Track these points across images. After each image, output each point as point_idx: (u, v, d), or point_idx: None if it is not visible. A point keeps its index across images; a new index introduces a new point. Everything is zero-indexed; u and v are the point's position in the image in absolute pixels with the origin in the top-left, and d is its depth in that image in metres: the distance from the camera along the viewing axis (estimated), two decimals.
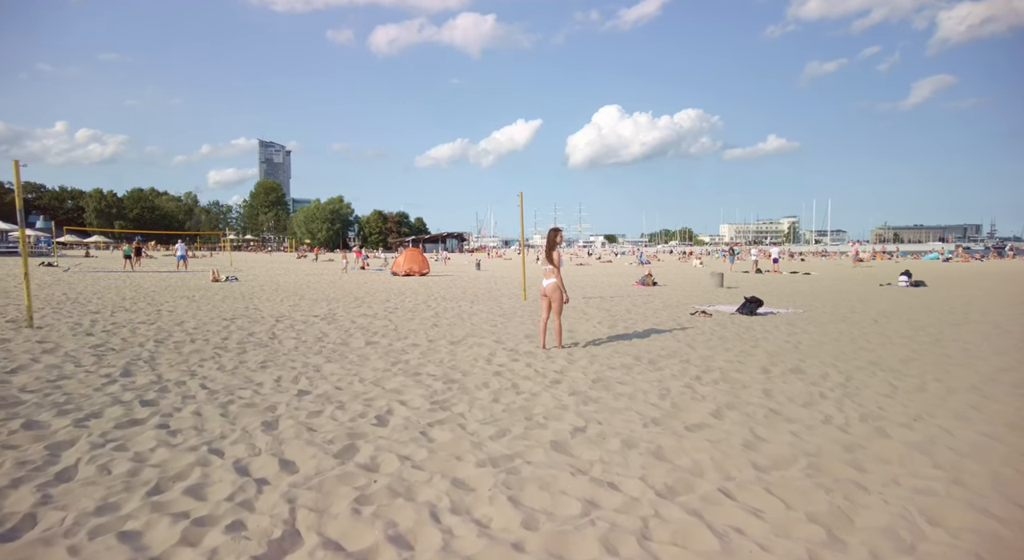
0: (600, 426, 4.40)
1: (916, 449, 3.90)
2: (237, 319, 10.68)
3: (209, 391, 5.38)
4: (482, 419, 4.54)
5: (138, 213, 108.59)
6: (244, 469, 3.49)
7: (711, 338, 8.78)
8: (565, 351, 7.65)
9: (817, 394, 5.39)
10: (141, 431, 4.14)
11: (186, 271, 29.16)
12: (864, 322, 10.74)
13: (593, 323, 10.37)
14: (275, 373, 6.29)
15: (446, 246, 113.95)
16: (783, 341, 8.55)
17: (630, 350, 7.72)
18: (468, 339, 8.69)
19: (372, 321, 10.61)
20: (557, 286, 7.61)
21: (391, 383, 5.82)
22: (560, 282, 7.64)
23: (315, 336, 8.88)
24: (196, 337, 8.57)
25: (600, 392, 5.45)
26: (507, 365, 6.76)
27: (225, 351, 7.58)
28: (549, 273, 7.67)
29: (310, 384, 5.78)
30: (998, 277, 27.17)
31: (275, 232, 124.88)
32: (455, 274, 30.23)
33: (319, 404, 4.97)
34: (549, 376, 6.15)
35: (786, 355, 7.41)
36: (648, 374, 6.25)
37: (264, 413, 4.69)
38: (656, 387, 5.65)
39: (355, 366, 6.68)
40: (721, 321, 10.80)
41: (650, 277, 21.86)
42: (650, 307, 13.31)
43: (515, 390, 5.55)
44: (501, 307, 13.05)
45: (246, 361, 6.92)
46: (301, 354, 7.44)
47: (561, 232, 7.82)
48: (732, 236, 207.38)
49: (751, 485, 3.32)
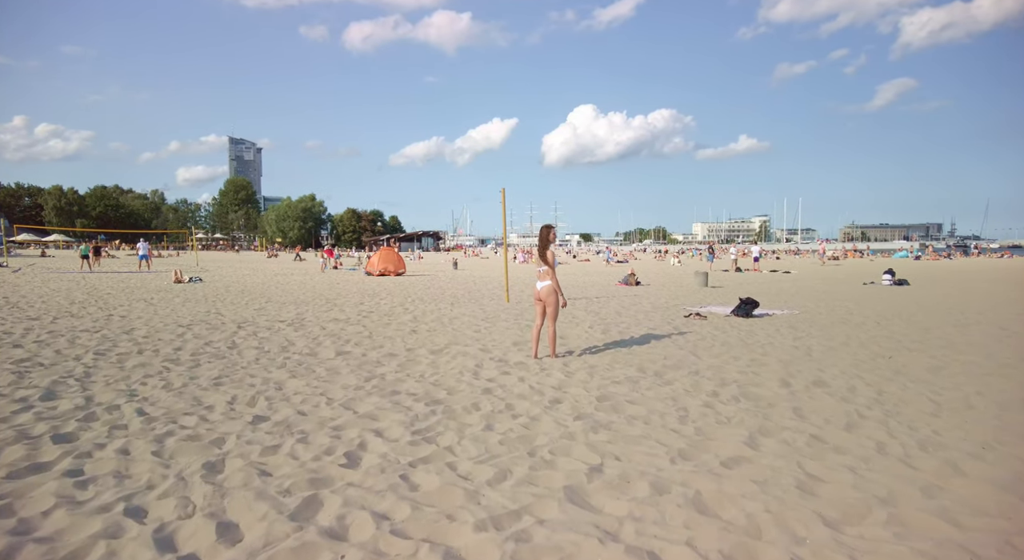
0: (619, 462, 3.64)
1: (1007, 491, 3.23)
2: (195, 325, 9.71)
3: (146, 418, 4.49)
4: (476, 455, 3.75)
5: (101, 211, 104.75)
6: (168, 542, 2.64)
7: (714, 344, 8.11)
8: (560, 361, 6.90)
9: (854, 413, 4.72)
10: (40, 482, 3.25)
11: (148, 271, 27.76)
12: (867, 324, 10.20)
13: (584, 328, 9.64)
14: (230, 392, 5.41)
15: (421, 245, 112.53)
16: (791, 347, 7.91)
17: (631, 360, 7.00)
18: (451, 347, 7.89)
19: (344, 327, 9.73)
20: (553, 289, 6.85)
21: (364, 405, 5.00)
22: (556, 284, 6.90)
23: (280, 345, 8.00)
24: (145, 347, 7.62)
25: (609, 414, 4.70)
26: (497, 380, 5.98)
27: (175, 364, 6.66)
28: (544, 275, 6.92)
29: (269, 407, 4.93)
30: (971, 275, 27.22)
31: (246, 231, 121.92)
32: (432, 274, 29.30)
33: (277, 436, 4.13)
34: (547, 393, 5.38)
35: (801, 364, 6.76)
36: (658, 389, 5.53)
37: (208, 450, 3.83)
38: (671, 407, 4.93)
39: (323, 383, 5.84)
40: (718, 324, 10.16)
41: (633, 276, 21.26)
42: (640, 309, 12.64)
43: (510, 412, 4.77)
44: (484, 310, 12.25)
45: (198, 377, 6.03)
46: (262, 367, 6.56)
47: (554, 230, 7.06)
48: (705, 235, 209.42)
49: (829, 551, 2.59)
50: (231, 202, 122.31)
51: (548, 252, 6.92)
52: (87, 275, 23.89)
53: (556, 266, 7.03)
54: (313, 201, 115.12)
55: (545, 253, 6.91)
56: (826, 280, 23.74)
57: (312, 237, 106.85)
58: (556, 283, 6.90)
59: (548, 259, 6.89)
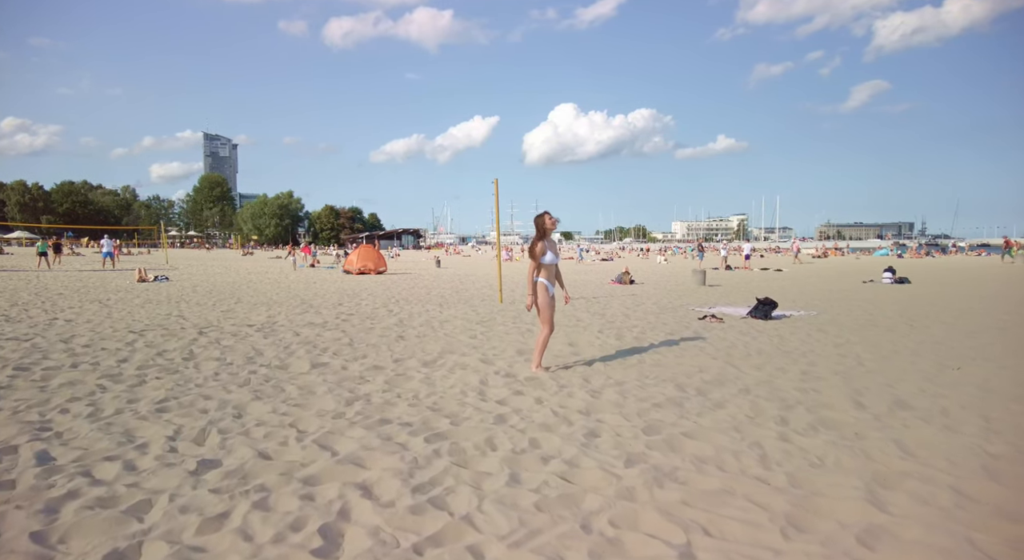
0: (713, 540, 2.56)
1: None
2: (149, 331, 8.45)
3: (47, 469, 3.31)
4: (507, 532, 2.63)
5: (68, 208, 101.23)
6: None
7: (748, 352, 7.09)
8: (579, 376, 5.81)
9: (982, 452, 3.68)
10: None
11: (113, 269, 26.15)
12: (899, 327, 9.28)
13: (593, 332, 8.56)
14: (174, 422, 4.25)
15: (401, 243, 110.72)
16: (836, 355, 6.93)
17: (661, 373, 5.95)
18: (446, 358, 6.77)
19: (321, 332, 8.55)
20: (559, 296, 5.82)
21: (346, 441, 3.86)
22: (530, 282, 5.82)
23: (245, 355, 6.81)
24: (81, 360, 6.39)
25: (666, 455, 3.62)
26: (509, 402, 4.87)
27: (114, 382, 5.46)
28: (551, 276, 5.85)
29: (222, 445, 3.78)
30: (962, 272, 26.74)
31: (220, 228, 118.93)
32: (414, 272, 28.06)
33: (226, 497, 2.98)
34: (576, 422, 4.29)
35: (862, 378, 5.76)
36: (712, 415, 4.47)
37: (122, 525, 2.67)
38: (740, 441, 3.87)
39: (294, 407, 4.69)
40: (739, 327, 9.16)
41: (627, 275, 20.29)
42: (646, 310, 11.62)
43: (537, 453, 3.67)
44: (476, 312, 11.12)
45: (138, 399, 4.85)
46: (221, 385, 5.39)
47: (548, 215, 5.83)
48: (684, 233, 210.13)
49: None
50: (205, 199, 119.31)
51: (537, 245, 5.82)
52: (44, 274, 22.26)
53: (552, 263, 5.87)
54: (290, 198, 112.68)
55: (533, 246, 5.82)
56: (822, 278, 23.02)
57: (289, 234, 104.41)
58: (530, 282, 5.81)
59: (535, 252, 5.80)
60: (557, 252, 5.92)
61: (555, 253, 5.85)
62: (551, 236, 5.94)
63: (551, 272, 5.89)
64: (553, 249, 5.86)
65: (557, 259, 5.91)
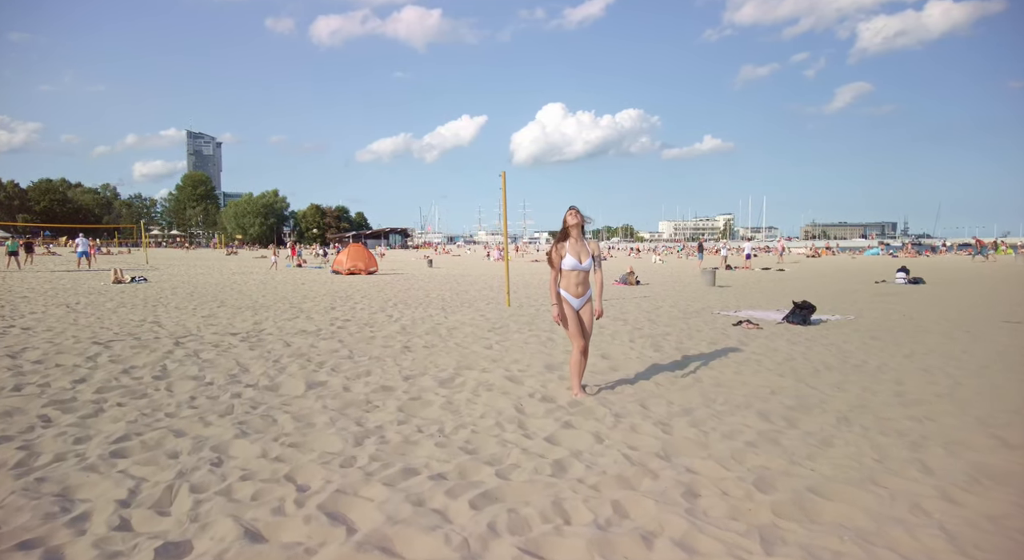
0: None
1: None
2: (118, 341, 7.35)
3: None
4: None
5: (46, 206, 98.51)
6: None
7: (815, 367, 6.14)
8: (633, 400, 4.82)
9: None
10: None
11: (88, 270, 24.77)
12: (956, 333, 8.40)
13: (625, 342, 7.58)
14: (132, 474, 3.21)
15: (389, 242, 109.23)
16: (918, 370, 6.00)
17: (727, 395, 4.97)
18: (464, 374, 5.76)
19: (315, 342, 7.49)
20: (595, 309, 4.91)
21: (363, 508, 2.84)
22: (553, 291, 4.86)
23: (227, 373, 5.76)
24: (28, 380, 5.30)
25: (810, 529, 2.63)
26: (560, 439, 3.87)
27: (64, 411, 4.40)
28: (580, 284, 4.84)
29: (192, 514, 2.75)
30: (966, 272, 26.16)
31: (204, 227, 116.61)
32: (406, 272, 26.95)
33: None
34: (660, 472, 3.29)
35: (975, 403, 4.82)
36: (827, 458, 3.49)
37: None
38: (898, 505, 2.88)
39: (288, 448, 3.66)
40: (784, 335, 8.23)
41: (633, 276, 19.35)
42: (669, 314, 10.67)
43: (630, 526, 2.66)
44: (485, 317, 10.10)
45: (90, 438, 3.80)
46: (197, 415, 4.35)
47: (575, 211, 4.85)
48: (671, 233, 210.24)
49: None
50: (189, 198, 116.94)
51: (552, 250, 4.84)
52: (12, 274, 20.91)
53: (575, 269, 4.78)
54: (276, 197, 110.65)
55: (549, 253, 4.83)
56: (828, 279, 22.27)
57: (274, 234, 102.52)
58: (552, 291, 4.85)
59: (551, 260, 4.81)
60: (588, 256, 4.80)
61: (579, 258, 4.76)
62: (582, 236, 4.88)
63: (573, 280, 4.79)
64: (578, 253, 4.78)
65: (583, 265, 4.77)
